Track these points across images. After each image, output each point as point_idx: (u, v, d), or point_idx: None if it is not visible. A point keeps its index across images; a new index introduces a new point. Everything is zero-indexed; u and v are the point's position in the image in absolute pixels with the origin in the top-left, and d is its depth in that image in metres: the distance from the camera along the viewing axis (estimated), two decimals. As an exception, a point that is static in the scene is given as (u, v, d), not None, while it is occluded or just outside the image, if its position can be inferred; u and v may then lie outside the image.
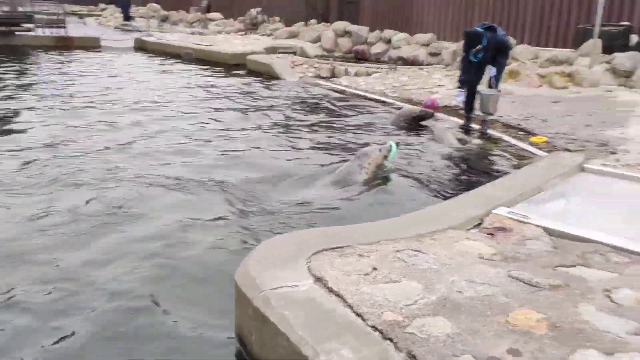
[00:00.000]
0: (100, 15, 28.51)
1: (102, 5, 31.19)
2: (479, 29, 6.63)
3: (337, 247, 2.93)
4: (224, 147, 6.45)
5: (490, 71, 6.75)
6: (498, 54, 6.63)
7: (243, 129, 7.32)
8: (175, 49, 16.00)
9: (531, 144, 6.31)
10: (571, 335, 2.16)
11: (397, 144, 5.30)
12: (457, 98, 7.34)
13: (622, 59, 9.54)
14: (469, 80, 6.92)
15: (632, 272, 2.72)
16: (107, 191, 4.72)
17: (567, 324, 2.24)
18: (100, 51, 16.33)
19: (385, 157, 5.08)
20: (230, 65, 13.70)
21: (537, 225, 3.34)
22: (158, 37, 18.51)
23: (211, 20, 22.86)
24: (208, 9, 24.64)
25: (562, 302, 2.42)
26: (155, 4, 27.02)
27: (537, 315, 2.30)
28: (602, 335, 2.15)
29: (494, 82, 6.79)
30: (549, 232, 3.27)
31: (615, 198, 3.94)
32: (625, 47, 10.21)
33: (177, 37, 18.65)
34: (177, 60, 14.87)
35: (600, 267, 2.81)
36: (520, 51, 11.60)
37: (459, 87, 7.09)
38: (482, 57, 6.60)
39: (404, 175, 5.29)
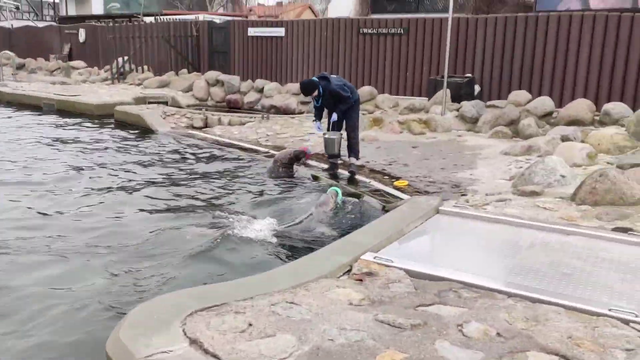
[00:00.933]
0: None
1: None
2: (314, 78, 7.50)
3: (213, 306, 2.96)
4: (94, 204, 6.20)
5: (332, 116, 7.48)
6: (337, 101, 7.36)
7: (112, 183, 7.08)
8: (34, 100, 15.09)
9: (395, 188, 6.80)
10: (429, 371, 2.39)
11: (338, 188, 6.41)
12: (317, 130, 8.05)
13: (468, 106, 10.68)
14: (320, 115, 7.83)
15: (480, 306, 3.07)
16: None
17: (426, 361, 2.47)
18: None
19: (335, 200, 6.07)
20: (96, 116, 13.19)
21: (400, 268, 3.63)
22: (13, 86, 17.34)
23: (74, 68, 21.89)
24: (70, 55, 23.61)
25: (422, 340, 2.67)
26: (9, 52, 25.34)
27: (400, 355, 2.51)
28: (455, 368, 2.41)
29: (334, 126, 7.55)
30: (410, 273, 3.57)
31: (465, 237, 4.39)
32: (470, 96, 11.45)
33: (36, 86, 17.61)
34: (37, 112, 14.02)
35: (453, 303, 3.12)
36: (382, 100, 12.52)
37: (314, 121, 7.93)
38: (323, 103, 7.49)
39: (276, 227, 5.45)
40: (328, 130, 7.75)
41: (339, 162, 7.78)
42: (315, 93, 7.34)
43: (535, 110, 10.28)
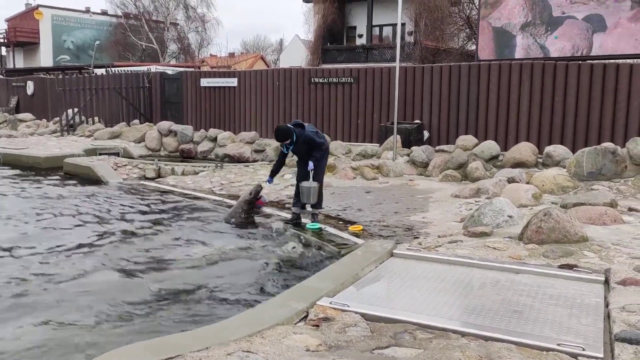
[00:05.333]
0: None
1: None
2: (289, 125, 7.35)
3: (167, 359, 2.89)
4: (46, 257, 6.00)
5: (309, 165, 7.25)
6: (310, 148, 7.25)
7: (62, 237, 6.87)
8: (-22, 154, 14.61)
9: (350, 233, 6.86)
10: (387, 413, 2.39)
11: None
12: (267, 184, 7.88)
13: (418, 151, 11.00)
14: (277, 171, 7.69)
15: (435, 346, 3.11)
16: None
17: (384, 404, 2.47)
18: None
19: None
20: (44, 169, 12.87)
21: (356, 312, 3.65)
22: (-44, 140, 16.79)
23: (22, 121, 21.40)
24: (17, 108, 23.13)
25: (379, 383, 2.67)
26: (-48, 105, 24.63)
27: (358, 400, 2.50)
28: (412, 409, 2.42)
29: (310, 175, 7.32)
30: (366, 317, 3.59)
31: (419, 279, 4.46)
32: (419, 142, 11.83)
33: (-20, 140, 17.11)
34: (-19, 166, 13.57)
35: (409, 345, 3.15)
36: (335, 147, 12.75)
37: (270, 175, 7.70)
38: (294, 149, 7.30)
39: (228, 273, 5.41)
40: (298, 180, 7.55)
41: (302, 211, 7.71)
42: (288, 141, 7.20)
43: (482, 154, 10.69)
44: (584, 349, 3.06)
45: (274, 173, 7.71)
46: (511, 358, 2.96)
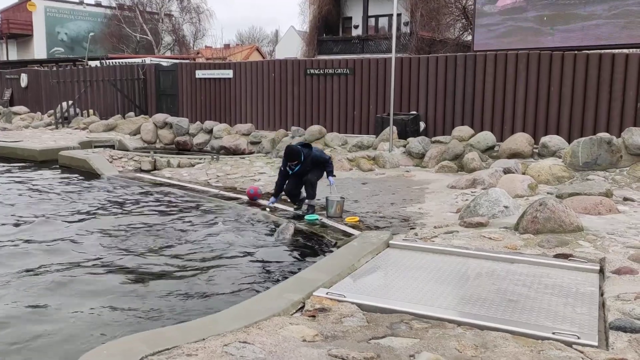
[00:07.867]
0: None
1: None
2: (298, 146, 7.47)
3: (164, 350, 2.90)
4: (45, 251, 5.99)
5: (331, 181, 7.50)
6: (316, 166, 7.43)
7: (59, 232, 6.86)
8: (-28, 147, 14.53)
9: (346, 224, 6.87)
10: (383, 402, 2.40)
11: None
12: (270, 204, 7.77)
13: (414, 142, 11.00)
14: (280, 191, 7.68)
15: (430, 336, 3.12)
16: None
17: (380, 393, 2.49)
18: None
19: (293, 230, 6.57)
20: (39, 162, 12.81)
21: (352, 303, 3.66)
22: (-50, 133, 16.69)
23: (16, 114, 21.27)
24: (11, 100, 23.00)
25: (376, 372, 2.69)
26: (-54, 98, 24.45)
27: (354, 389, 2.52)
28: (409, 398, 2.43)
29: (333, 189, 7.47)
30: (363, 307, 3.60)
31: (415, 269, 4.47)
32: (416, 133, 11.81)
33: (-26, 133, 17.01)
34: (-25, 159, 13.49)
35: (405, 334, 3.17)
36: (331, 138, 12.73)
37: (273, 195, 7.75)
38: (300, 169, 7.39)
39: (225, 265, 5.41)
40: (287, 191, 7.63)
41: (298, 204, 7.72)
42: (295, 162, 7.31)
43: (478, 144, 10.70)
44: (578, 338, 3.08)
45: (277, 194, 7.71)
46: (507, 347, 2.97)
